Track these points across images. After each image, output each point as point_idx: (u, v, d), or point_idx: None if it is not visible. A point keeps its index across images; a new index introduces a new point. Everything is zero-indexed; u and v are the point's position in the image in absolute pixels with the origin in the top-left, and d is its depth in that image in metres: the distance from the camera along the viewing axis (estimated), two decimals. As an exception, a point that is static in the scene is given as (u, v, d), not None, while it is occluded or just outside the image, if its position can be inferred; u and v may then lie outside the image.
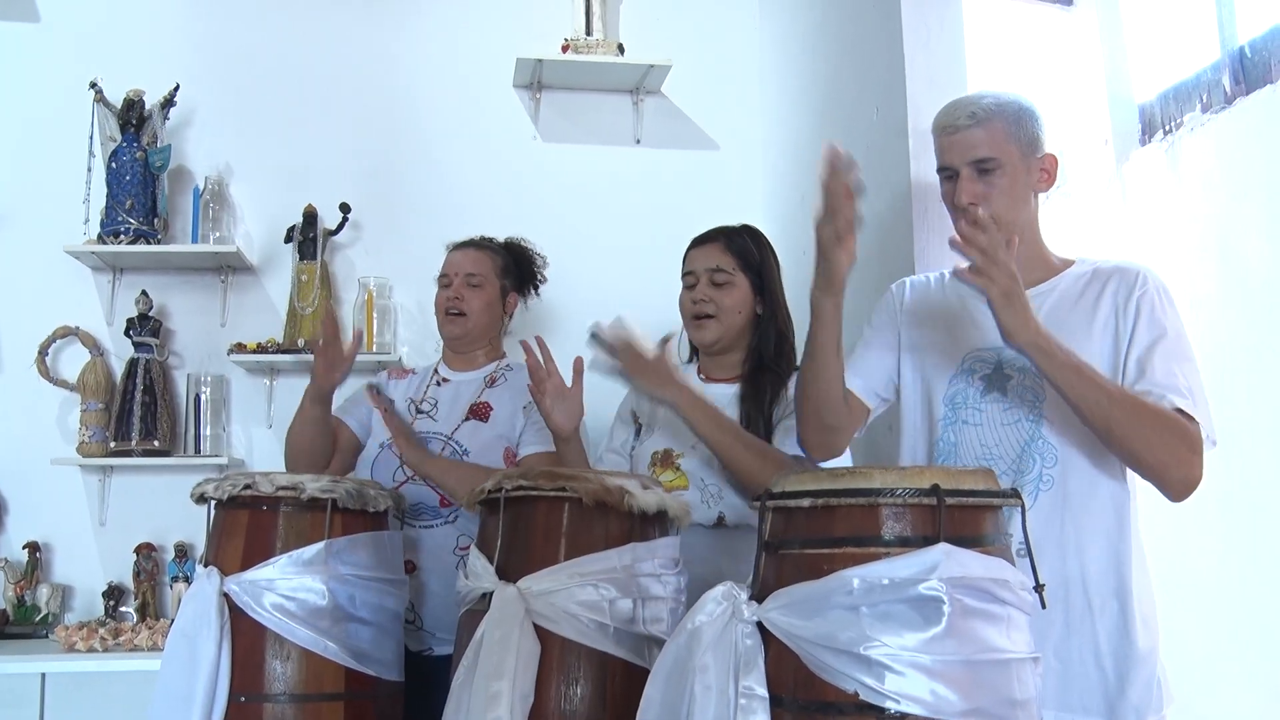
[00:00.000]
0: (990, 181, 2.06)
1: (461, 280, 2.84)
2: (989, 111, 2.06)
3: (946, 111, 2.13)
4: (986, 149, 2.05)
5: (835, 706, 1.39)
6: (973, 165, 2.06)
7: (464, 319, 2.83)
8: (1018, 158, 2.07)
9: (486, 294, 2.87)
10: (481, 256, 2.90)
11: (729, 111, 4.35)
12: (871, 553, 1.40)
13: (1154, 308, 1.98)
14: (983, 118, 2.06)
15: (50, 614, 3.70)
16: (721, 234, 2.57)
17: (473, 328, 2.84)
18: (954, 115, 2.09)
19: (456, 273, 2.86)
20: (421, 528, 2.64)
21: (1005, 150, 2.06)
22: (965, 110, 2.08)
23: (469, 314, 2.83)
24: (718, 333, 2.51)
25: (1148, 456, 1.87)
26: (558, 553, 1.85)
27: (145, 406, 3.78)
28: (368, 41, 4.19)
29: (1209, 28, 2.79)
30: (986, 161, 2.05)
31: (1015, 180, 2.07)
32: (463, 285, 2.84)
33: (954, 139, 2.08)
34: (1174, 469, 1.88)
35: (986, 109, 2.07)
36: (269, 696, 2.09)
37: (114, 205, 3.77)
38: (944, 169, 2.12)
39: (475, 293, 2.84)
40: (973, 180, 2.06)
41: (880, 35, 3.02)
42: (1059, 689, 1.91)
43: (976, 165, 2.06)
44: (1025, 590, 1.44)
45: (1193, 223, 2.73)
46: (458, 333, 2.84)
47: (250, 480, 2.18)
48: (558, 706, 1.78)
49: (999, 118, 2.06)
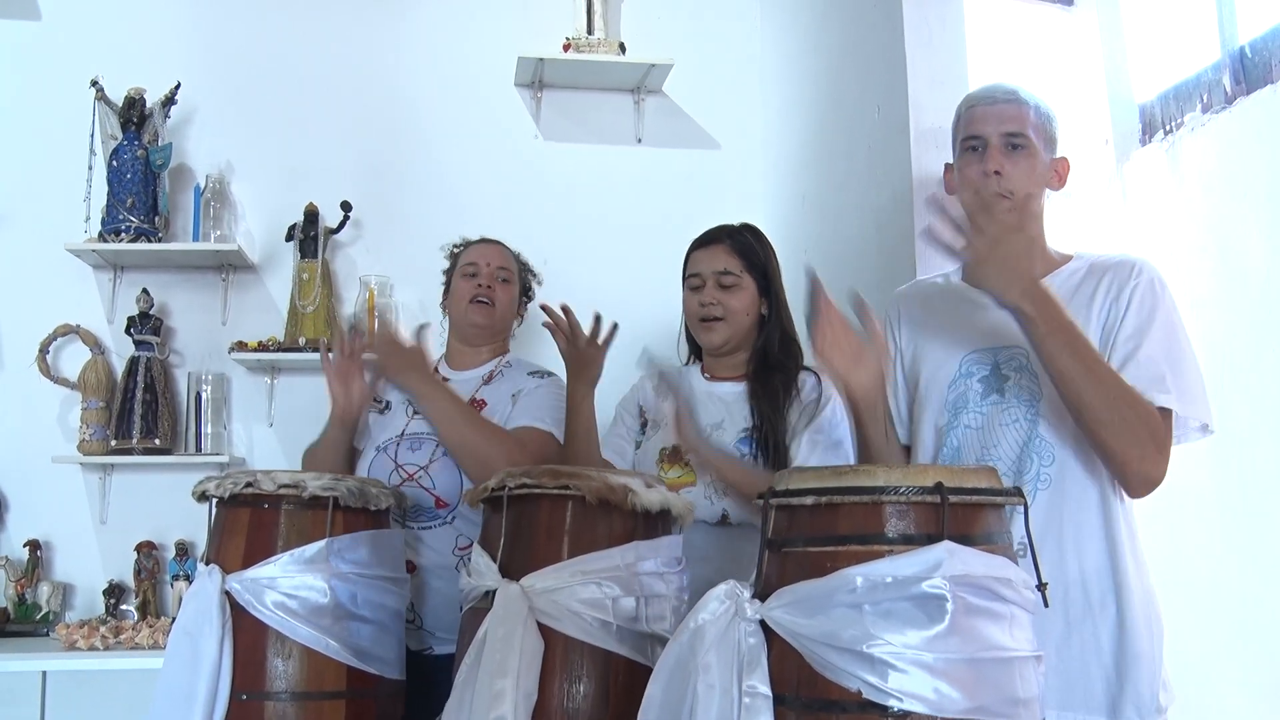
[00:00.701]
0: (1016, 159, 2.08)
1: (492, 272, 2.83)
2: (1025, 98, 2.12)
3: (982, 89, 2.20)
4: (1018, 124, 2.09)
5: (838, 705, 1.38)
6: (1004, 137, 2.09)
7: (492, 309, 2.81)
8: (1041, 149, 2.10)
9: (512, 291, 2.88)
10: (508, 254, 2.92)
11: (730, 111, 4.35)
12: (875, 550, 1.40)
13: (1144, 297, 1.99)
14: (1020, 100, 2.12)
15: (51, 612, 3.71)
16: (725, 235, 2.56)
17: (498, 319, 2.83)
18: (992, 90, 2.15)
19: (487, 263, 2.84)
20: (420, 528, 2.63)
21: (1035, 134, 2.10)
22: (1004, 89, 2.14)
23: (497, 305, 2.82)
24: (726, 335, 2.50)
25: (1113, 443, 1.87)
26: (561, 551, 1.85)
27: (146, 405, 3.78)
28: (369, 40, 4.19)
29: (1209, 28, 2.80)
30: (1018, 136, 2.09)
31: (1037, 167, 2.10)
32: (492, 276, 2.83)
33: (990, 110, 2.12)
34: (1136, 462, 1.88)
35: (1023, 96, 2.13)
36: (270, 694, 2.08)
37: (115, 203, 3.78)
38: (972, 138, 2.14)
39: (504, 287, 2.84)
40: (1002, 152, 2.09)
41: (881, 34, 3.03)
42: (1060, 688, 1.91)
43: (1008, 138, 2.09)
44: (1028, 589, 1.44)
45: (1193, 223, 2.73)
46: (484, 322, 2.81)
47: (252, 478, 2.18)
48: (560, 704, 1.77)
49: (1032, 108, 2.11)
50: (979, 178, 2.10)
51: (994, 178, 2.07)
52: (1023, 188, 2.07)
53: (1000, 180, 2.07)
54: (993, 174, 2.07)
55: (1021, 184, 2.07)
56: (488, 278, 2.83)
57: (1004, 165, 2.08)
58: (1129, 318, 1.98)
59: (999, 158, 2.08)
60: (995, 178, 2.07)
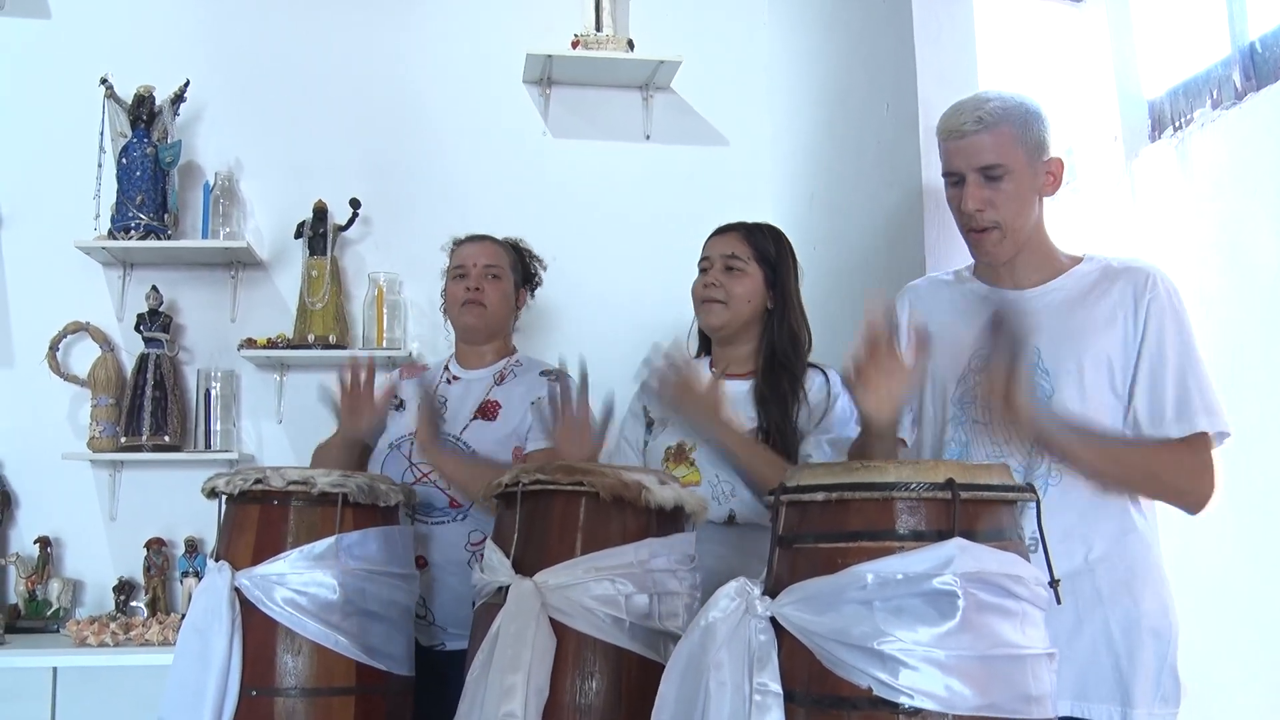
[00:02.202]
0: (997, 188, 2.05)
1: (480, 271, 2.81)
2: (995, 116, 2.04)
3: (951, 115, 2.10)
4: (993, 155, 2.04)
5: (849, 702, 1.38)
6: (979, 171, 2.05)
7: (483, 309, 2.80)
8: (1024, 162, 2.05)
9: (504, 286, 2.85)
10: (497, 249, 2.89)
11: (738, 108, 4.35)
12: (885, 547, 1.40)
13: (1164, 312, 1.99)
14: (989, 122, 2.04)
15: (61, 609, 3.71)
16: (743, 225, 2.58)
17: (491, 318, 2.82)
18: (960, 120, 2.07)
19: (474, 263, 2.83)
20: (433, 524, 2.64)
21: (1012, 155, 2.04)
22: (971, 115, 2.05)
23: (488, 304, 2.81)
24: (724, 318, 2.51)
25: (1165, 496, 2.00)
26: (574, 547, 1.85)
27: (156, 402, 3.79)
28: (378, 37, 4.19)
29: (1219, 23, 2.79)
30: (993, 168, 2.04)
31: (1021, 185, 2.05)
32: (481, 276, 2.81)
33: (960, 144, 2.07)
34: (1189, 495, 1.97)
35: (993, 113, 2.04)
36: (280, 691, 2.09)
37: (124, 201, 3.78)
38: (950, 174, 2.11)
39: (494, 284, 2.82)
40: (979, 186, 2.05)
41: (891, 31, 3.02)
42: (1073, 682, 1.92)
43: (983, 171, 2.04)
44: (1040, 585, 1.44)
45: (1202, 219, 2.72)
46: (476, 323, 2.81)
47: (261, 475, 2.19)
48: (572, 700, 1.77)
49: (1005, 122, 2.04)
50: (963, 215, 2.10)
51: (977, 214, 2.06)
52: (1011, 217, 2.05)
53: (982, 215, 2.06)
54: (973, 212, 2.07)
55: (1008, 213, 2.05)
56: (476, 278, 2.81)
57: (984, 199, 2.05)
58: (1150, 338, 1.99)
59: (978, 195, 2.05)
60: (978, 214, 2.06)
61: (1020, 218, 2.06)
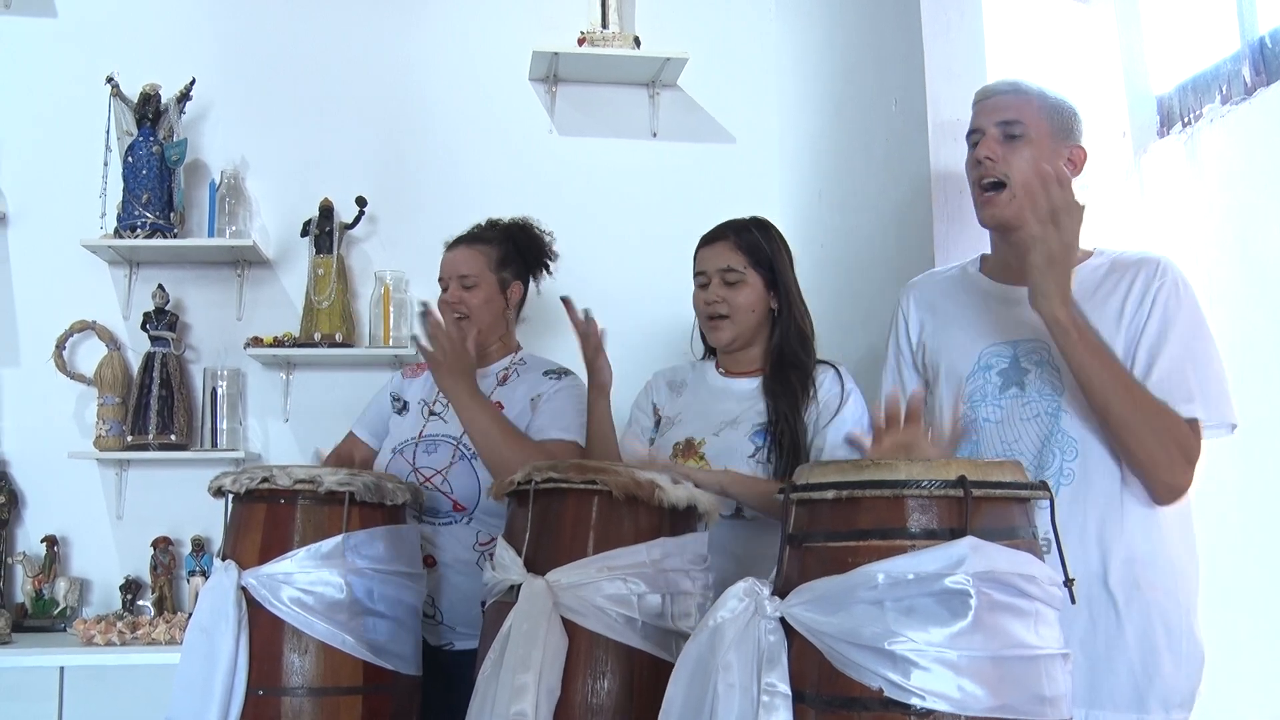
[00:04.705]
0: (1013, 146, 2.06)
1: (456, 283, 2.78)
2: (1030, 89, 2.11)
3: (988, 84, 2.20)
4: (1016, 113, 2.08)
5: (860, 702, 1.37)
6: (999, 126, 2.08)
7: (467, 320, 2.75)
8: (1046, 133, 2.07)
9: (483, 291, 2.79)
10: (472, 254, 2.82)
11: (745, 105, 4.33)
12: (896, 545, 1.38)
13: (1169, 300, 1.98)
14: (1021, 90, 2.11)
15: (68, 608, 3.72)
16: (730, 230, 2.54)
17: (477, 326, 2.76)
18: (995, 84, 2.16)
19: (451, 275, 2.79)
20: (440, 524, 2.62)
21: (1036, 122, 2.07)
22: (1008, 81, 2.15)
23: (472, 314, 2.76)
24: (733, 333, 2.50)
25: (1140, 453, 1.90)
26: (586, 546, 1.85)
27: (162, 400, 3.79)
28: (383, 34, 4.19)
29: (1228, 18, 2.77)
30: (1013, 125, 2.07)
31: (1039, 153, 2.05)
32: (458, 288, 2.77)
33: (987, 103, 2.13)
34: (1163, 471, 1.91)
35: (1028, 87, 2.11)
36: (287, 690, 2.09)
37: (130, 199, 3.78)
38: (972, 132, 2.14)
39: (471, 293, 2.77)
40: (997, 141, 2.08)
41: (899, 27, 3.01)
42: (1087, 685, 1.90)
43: (1003, 127, 2.07)
44: (1054, 585, 1.42)
45: (1212, 215, 2.71)
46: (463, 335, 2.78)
47: (268, 474, 2.18)
48: (584, 700, 1.77)
49: (1038, 96, 2.10)
50: (975, 168, 2.10)
51: (984, 164, 2.06)
52: (1021, 175, 2.03)
53: (992, 165, 2.06)
54: (984, 160, 2.07)
55: (1019, 173, 2.04)
56: (453, 291, 2.78)
57: (998, 152, 2.06)
58: (1152, 323, 1.97)
59: (993, 145, 2.08)
60: (986, 164, 2.06)
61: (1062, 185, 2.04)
